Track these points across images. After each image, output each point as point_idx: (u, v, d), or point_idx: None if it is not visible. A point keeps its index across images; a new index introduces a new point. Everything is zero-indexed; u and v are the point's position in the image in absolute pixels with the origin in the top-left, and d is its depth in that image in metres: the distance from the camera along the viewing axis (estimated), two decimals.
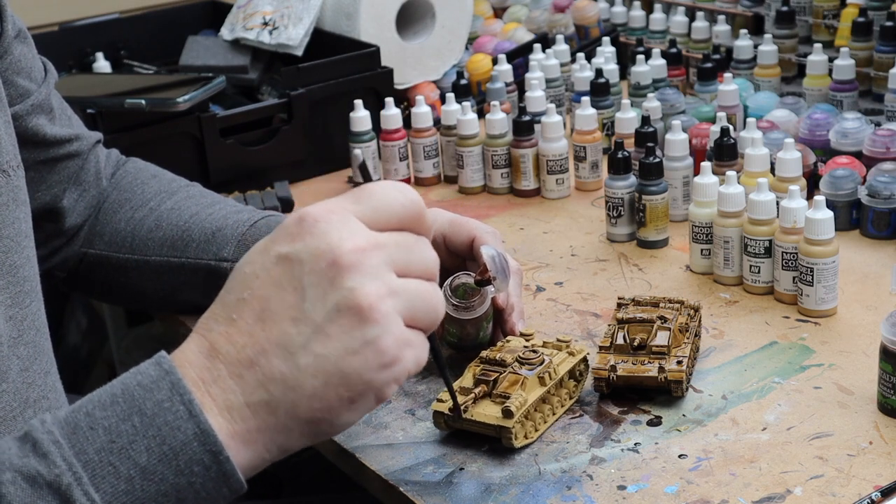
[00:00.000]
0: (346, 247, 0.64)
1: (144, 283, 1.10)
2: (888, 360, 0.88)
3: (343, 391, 0.64)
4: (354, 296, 0.63)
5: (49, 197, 1.05)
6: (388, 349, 0.64)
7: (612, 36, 1.71)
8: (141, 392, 0.64)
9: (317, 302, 0.64)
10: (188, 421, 0.63)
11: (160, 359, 0.65)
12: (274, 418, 0.65)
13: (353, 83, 1.50)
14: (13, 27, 0.96)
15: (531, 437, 0.89)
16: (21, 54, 0.98)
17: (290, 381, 0.64)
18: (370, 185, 0.68)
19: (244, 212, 1.10)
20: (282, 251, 0.65)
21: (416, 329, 0.67)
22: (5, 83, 0.94)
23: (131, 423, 0.63)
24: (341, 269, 0.64)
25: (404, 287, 0.66)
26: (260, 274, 0.66)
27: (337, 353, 0.64)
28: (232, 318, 0.66)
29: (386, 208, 0.67)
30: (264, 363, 0.64)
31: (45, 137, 1.02)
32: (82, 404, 0.65)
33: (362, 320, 0.64)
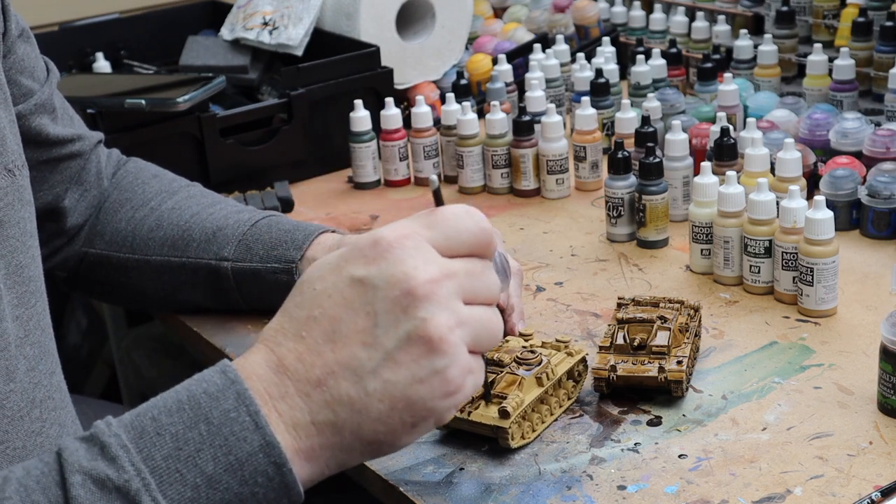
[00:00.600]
0: (421, 277, 0.65)
1: (145, 283, 1.10)
2: (888, 360, 0.88)
3: (407, 417, 0.66)
4: (426, 326, 0.65)
5: (51, 197, 1.05)
6: (453, 379, 0.66)
7: (612, 36, 1.71)
8: (207, 400, 0.65)
9: (389, 328, 0.65)
10: (254, 433, 0.64)
11: (225, 368, 0.66)
12: (338, 438, 0.66)
13: (353, 83, 1.50)
14: (16, 26, 0.96)
15: (528, 437, 0.89)
16: (24, 53, 0.98)
17: (357, 404, 0.66)
18: (444, 209, 0.69)
19: (245, 212, 1.10)
20: (356, 274, 0.66)
21: (478, 353, 0.69)
22: (9, 82, 0.94)
23: (198, 430, 0.64)
24: (415, 299, 0.65)
25: (470, 316, 0.67)
26: (332, 294, 0.66)
27: (405, 381, 0.65)
28: (301, 335, 0.66)
29: (457, 236, 0.68)
30: (332, 384, 0.66)
31: (47, 137, 1.02)
32: (147, 409, 0.66)
33: (431, 351, 0.65)
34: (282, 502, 0.66)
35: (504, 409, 0.86)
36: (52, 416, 0.85)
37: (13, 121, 0.87)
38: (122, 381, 1.90)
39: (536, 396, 0.89)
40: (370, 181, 1.46)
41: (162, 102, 1.34)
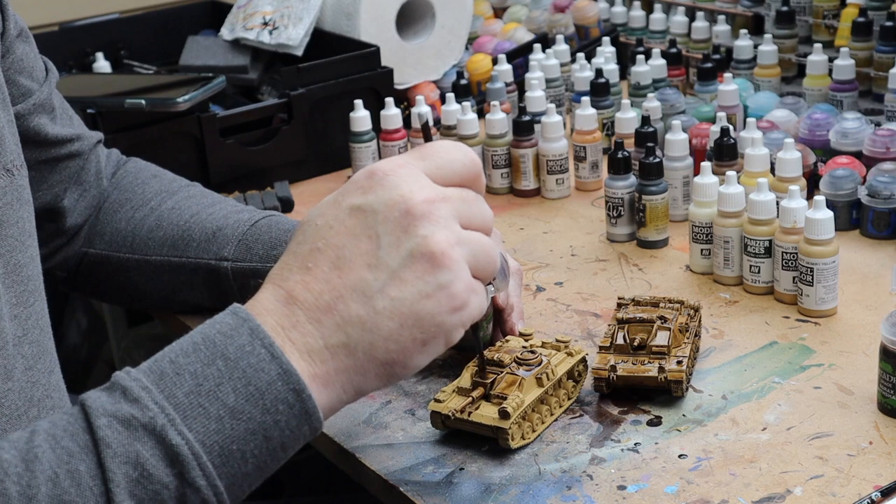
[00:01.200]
0: (418, 198, 0.68)
1: (145, 283, 1.10)
2: (888, 360, 0.88)
3: (417, 333, 0.68)
4: (427, 243, 0.67)
5: (50, 196, 1.05)
6: (459, 293, 0.68)
7: (612, 36, 1.71)
8: (222, 339, 0.67)
9: (391, 249, 0.67)
10: (271, 363, 0.66)
11: (236, 309, 0.68)
12: (352, 360, 0.68)
13: (353, 83, 1.50)
14: (15, 26, 0.96)
15: (528, 437, 0.89)
16: (23, 53, 0.98)
17: (368, 323, 0.67)
18: (434, 143, 0.72)
19: (245, 211, 1.10)
20: (355, 202, 0.69)
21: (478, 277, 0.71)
22: (7, 82, 0.94)
23: (216, 367, 0.66)
24: (414, 218, 0.67)
25: (469, 237, 0.70)
26: (333, 224, 0.69)
27: (412, 297, 0.67)
28: (307, 266, 0.68)
29: (449, 165, 0.71)
30: (342, 307, 0.67)
31: (46, 137, 1.02)
32: (164, 354, 0.68)
33: (435, 266, 0.67)
34: (302, 429, 0.67)
35: (504, 409, 0.86)
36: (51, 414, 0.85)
37: (12, 121, 0.87)
38: None
39: (536, 397, 0.89)
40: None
41: (162, 102, 1.34)
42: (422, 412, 0.94)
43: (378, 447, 0.90)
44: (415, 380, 0.99)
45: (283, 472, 1.54)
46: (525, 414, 0.88)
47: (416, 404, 0.96)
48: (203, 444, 0.65)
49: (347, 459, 0.91)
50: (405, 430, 0.92)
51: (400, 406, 0.96)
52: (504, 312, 0.99)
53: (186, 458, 0.64)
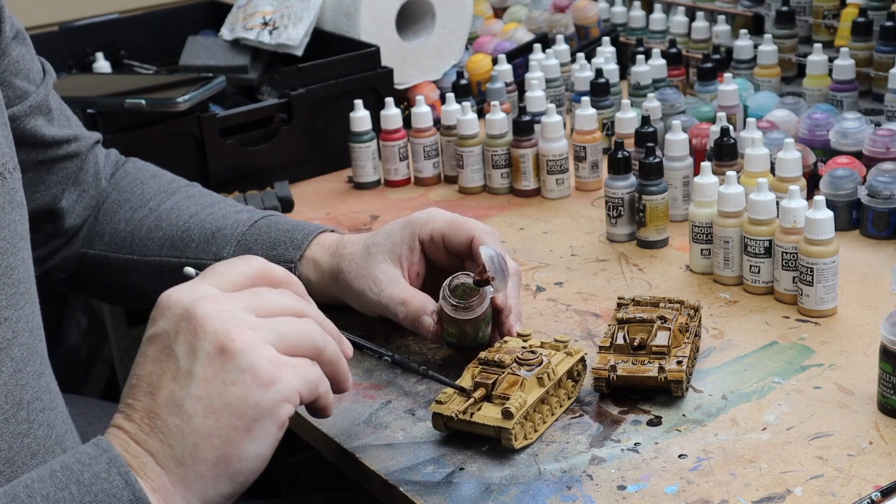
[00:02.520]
0: (200, 302, 0.70)
1: (144, 284, 1.10)
2: (888, 360, 0.88)
3: (235, 420, 0.69)
4: (217, 338, 0.69)
5: (48, 198, 1.05)
6: (263, 370, 0.69)
7: (612, 36, 1.71)
8: (79, 466, 0.68)
9: (188, 356, 0.69)
10: (124, 489, 0.67)
11: (98, 440, 0.70)
12: (183, 469, 0.69)
13: (353, 83, 1.50)
14: (11, 28, 0.96)
15: (531, 437, 0.89)
16: (19, 55, 0.98)
17: (186, 429, 0.69)
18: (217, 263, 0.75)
19: (244, 211, 1.10)
20: (149, 333, 0.72)
21: (297, 356, 0.72)
22: (3, 85, 0.95)
23: (68, 490, 0.67)
24: (200, 321, 0.69)
25: (266, 322, 0.71)
26: (139, 360, 0.72)
27: (217, 390, 0.69)
28: (128, 402, 0.71)
29: (231, 274, 0.74)
30: (160, 424, 0.69)
31: (43, 138, 1.02)
32: (22, 479, 0.68)
33: (230, 354, 0.69)
34: None
35: (507, 409, 0.86)
36: (41, 417, 0.85)
37: (5, 124, 0.87)
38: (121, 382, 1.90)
39: (538, 397, 0.89)
40: (370, 181, 1.46)
41: (162, 102, 1.34)
42: (422, 412, 0.94)
43: (378, 447, 0.90)
44: (415, 380, 0.99)
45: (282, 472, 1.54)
46: (527, 414, 0.88)
47: (416, 404, 0.96)
48: None
49: (347, 459, 0.91)
50: (405, 430, 0.92)
51: (400, 406, 0.96)
52: (502, 314, 0.99)
53: None
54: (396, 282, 0.99)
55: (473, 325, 0.96)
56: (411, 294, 0.98)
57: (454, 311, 0.94)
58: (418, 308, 0.97)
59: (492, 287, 0.94)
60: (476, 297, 0.94)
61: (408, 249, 1.01)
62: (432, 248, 1.02)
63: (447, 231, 1.01)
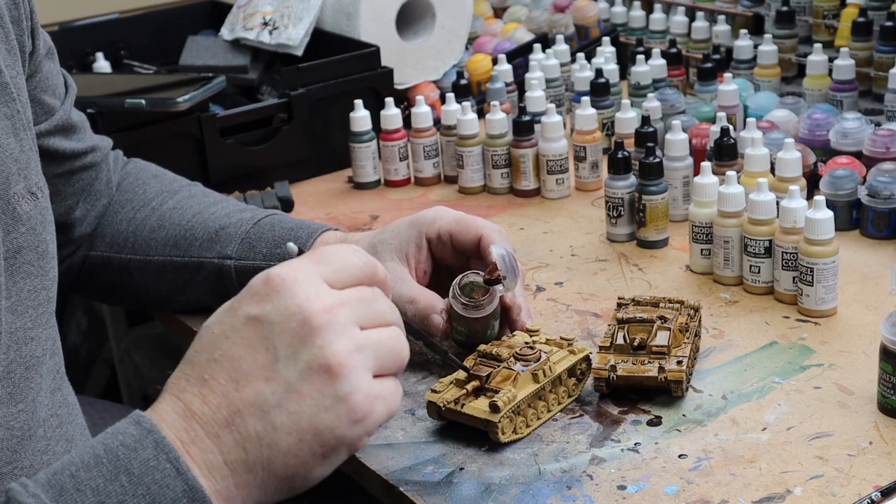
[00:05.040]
0: (315, 307, 0.66)
1: (147, 283, 1.10)
2: (888, 360, 0.88)
3: (317, 447, 0.67)
4: (325, 354, 0.66)
5: (62, 209, 1.05)
6: (359, 404, 0.67)
7: (612, 36, 1.71)
8: (125, 451, 0.64)
9: (289, 361, 0.66)
10: (176, 479, 0.64)
11: (139, 418, 0.66)
12: (252, 476, 0.66)
13: (353, 83, 1.50)
14: (44, 45, 0.96)
15: (521, 432, 0.89)
16: (49, 72, 0.98)
17: (266, 439, 0.66)
18: (327, 247, 0.72)
19: (247, 210, 1.10)
20: (251, 312, 0.67)
21: (388, 377, 0.70)
22: (32, 101, 0.93)
23: (119, 482, 0.63)
24: (312, 329, 0.66)
25: (369, 338, 0.69)
26: (230, 335, 0.67)
27: (310, 411, 0.66)
28: (204, 378, 0.67)
29: (345, 268, 0.70)
30: (240, 423, 0.66)
31: (64, 153, 1.02)
32: (64, 466, 0.64)
33: (333, 377, 0.66)
34: None
35: (495, 403, 0.86)
36: (58, 433, 0.85)
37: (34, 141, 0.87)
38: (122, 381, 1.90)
39: (532, 392, 0.89)
40: (370, 181, 1.46)
41: (162, 102, 1.34)
42: (422, 412, 0.94)
43: (378, 447, 0.90)
44: (415, 380, 0.99)
45: None
46: (518, 409, 0.88)
47: (416, 404, 0.96)
48: None
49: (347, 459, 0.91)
50: (405, 430, 0.92)
51: (400, 406, 0.96)
52: (512, 312, 0.99)
53: None
54: (404, 280, 0.99)
55: (483, 324, 0.96)
56: (419, 292, 0.98)
57: (464, 310, 0.95)
58: (427, 306, 0.97)
59: (502, 286, 0.94)
60: (486, 296, 0.95)
61: (415, 247, 1.01)
62: (439, 247, 1.02)
63: (455, 229, 1.00)
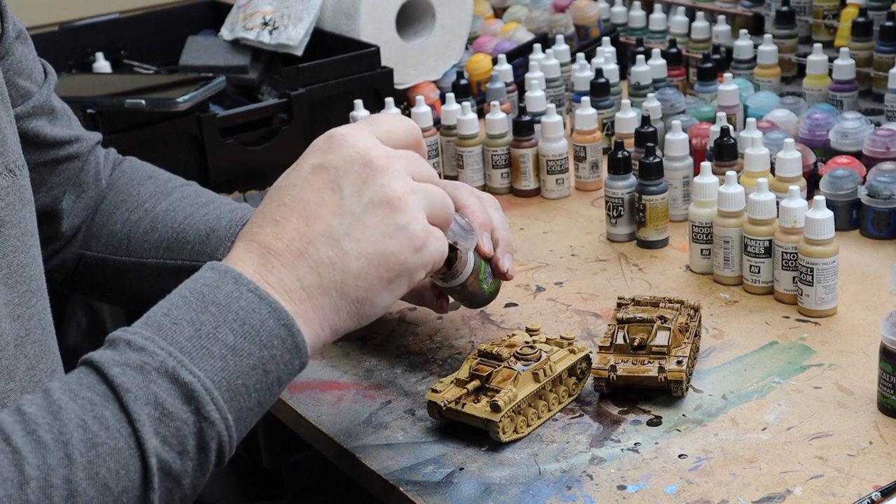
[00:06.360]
0: (374, 153, 0.76)
1: (142, 285, 1.10)
2: (888, 360, 0.88)
3: (383, 271, 0.75)
4: (385, 191, 0.75)
5: (49, 199, 1.05)
6: (417, 234, 0.76)
7: (612, 36, 1.71)
8: (209, 290, 0.72)
9: (353, 197, 0.75)
10: (259, 304, 0.71)
11: (213, 265, 0.74)
12: (326, 298, 0.74)
13: (353, 83, 1.50)
14: (13, 28, 0.96)
15: (522, 432, 0.89)
16: (22, 55, 0.98)
17: (338, 263, 0.74)
18: (379, 114, 0.82)
19: (238, 210, 1.09)
20: (316, 161, 0.76)
21: (436, 224, 0.78)
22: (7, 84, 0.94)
23: (209, 313, 0.71)
24: (373, 170, 0.75)
25: (422, 187, 0.78)
26: (297, 182, 0.76)
27: (375, 238, 0.75)
28: (276, 220, 0.75)
29: (395, 129, 0.80)
30: (313, 251, 0.74)
31: (45, 139, 1.02)
32: (155, 310, 0.72)
33: (394, 209, 0.75)
34: (294, 363, 0.73)
35: (495, 402, 0.86)
36: None
37: (12, 121, 0.87)
38: None
39: (532, 392, 0.89)
40: None
41: (162, 102, 1.34)
42: (422, 412, 0.94)
43: (378, 447, 0.90)
44: (415, 380, 0.99)
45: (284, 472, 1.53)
46: (519, 408, 0.88)
47: (416, 404, 0.96)
48: (213, 381, 0.69)
49: (347, 459, 0.91)
50: (405, 430, 0.92)
51: (400, 406, 0.96)
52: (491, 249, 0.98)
53: (200, 394, 0.68)
54: None
55: (473, 284, 0.96)
56: None
57: (443, 282, 0.95)
58: (418, 287, 1.00)
59: (460, 249, 0.92)
60: (457, 263, 0.93)
61: None
62: None
63: None
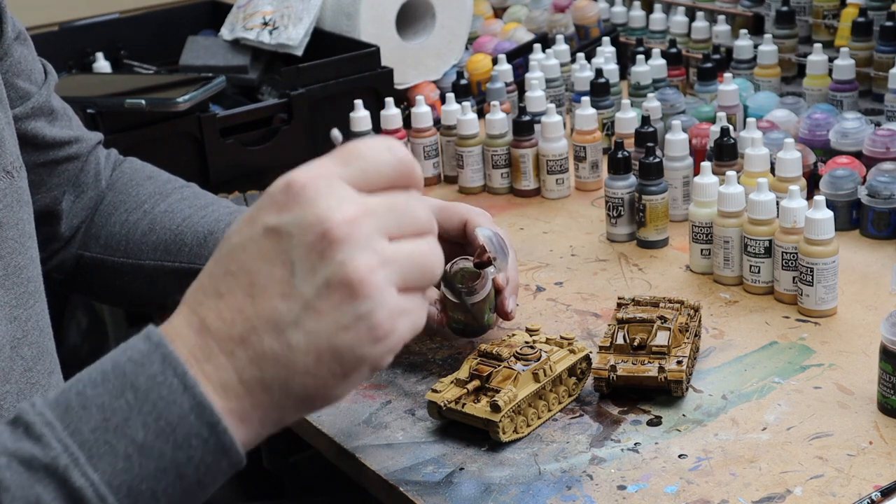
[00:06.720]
0: (336, 218, 0.61)
1: (140, 287, 1.10)
2: (888, 360, 0.88)
3: (336, 367, 0.63)
4: (344, 270, 0.61)
5: (48, 200, 1.05)
6: (381, 323, 0.62)
7: (612, 36, 1.71)
8: (132, 367, 0.62)
9: (306, 276, 0.62)
10: (183, 394, 0.61)
11: (149, 332, 0.63)
12: (268, 396, 0.63)
13: (353, 83, 1.50)
14: (13, 29, 0.96)
15: (522, 432, 0.89)
16: (21, 56, 0.98)
17: (282, 358, 0.62)
18: (357, 143, 0.65)
19: (236, 213, 1.09)
20: (269, 223, 0.63)
21: (414, 292, 0.65)
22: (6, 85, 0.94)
23: (125, 399, 0.61)
24: (331, 242, 0.61)
25: (396, 253, 0.63)
26: (248, 246, 0.63)
27: (328, 330, 0.62)
28: (220, 292, 0.64)
29: (375, 168, 0.65)
30: (255, 340, 0.62)
31: (44, 140, 1.02)
32: (72, 384, 0.63)
33: (353, 295, 0.61)
34: (221, 465, 0.63)
35: (496, 402, 0.86)
36: None
37: (10, 122, 0.87)
38: None
39: (532, 392, 0.89)
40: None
41: (162, 102, 1.34)
42: (422, 412, 0.94)
43: (378, 447, 0.90)
44: (415, 380, 0.99)
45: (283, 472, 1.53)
46: (519, 408, 0.88)
47: (416, 404, 0.96)
48: (110, 486, 0.60)
49: (347, 459, 0.91)
50: (405, 430, 0.92)
51: (400, 406, 0.96)
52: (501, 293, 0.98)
53: (90, 500, 0.60)
54: None
55: (479, 309, 0.96)
56: None
57: (458, 297, 0.94)
58: None
59: (493, 268, 0.93)
60: (478, 281, 0.94)
61: None
62: None
63: (439, 217, 1.00)
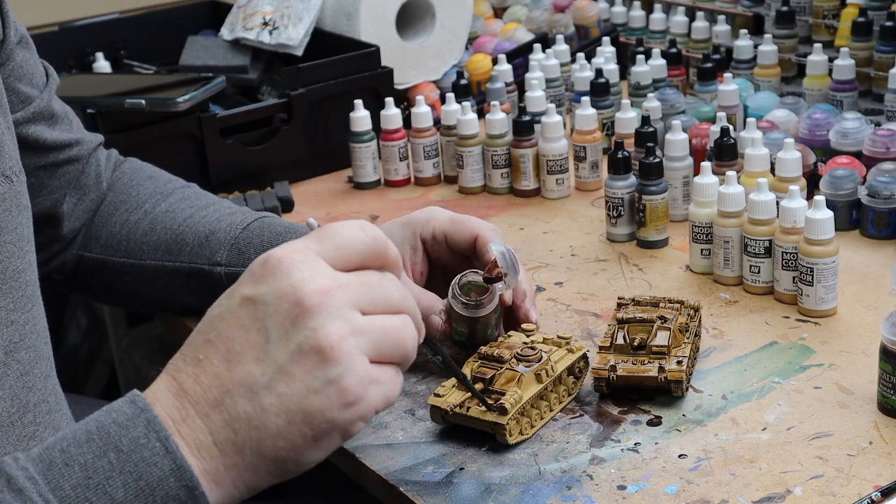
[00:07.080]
0: (309, 287, 0.65)
1: (140, 287, 1.10)
2: (888, 360, 0.88)
3: (307, 430, 0.66)
4: (316, 336, 0.65)
5: (49, 202, 1.05)
6: (350, 388, 0.66)
7: (612, 36, 1.71)
8: (117, 429, 0.65)
9: (280, 342, 0.65)
10: (164, 457, 0.64)
11: (134, 397, 0.66)
12: (240, 457, 0.66)
13: (353, 83, 1.50)
14: (15, 33, 0.96)
15: (527, 433, 0.89)
16: (23, 60, 0.98)
17: (255, 420, 0.65)
18: (332, 224, 0.69)
19: (238, 213, 1.09)
20: (246, 293, 0.67)
21: (388, 364, 0.68)
22: (7, 90, 0.94)
23: (107, 459, 0.64)
24: (304, 310, 0.65)
25: (368, 325, 0.67)
26: (226, 316, 0.67)
27: (300, 393, 0.65)
28: (199, 358, 0.67)
29: (349, 246, 0.68)
30: (230, 403, 0.66)
31: (45, 143, 1.01)
32: (56, 441, 0.65)
33: (324, 360, 0.65)
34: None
35: (502, 405, 0.86)
36: (47, 419, 0.84)
37: (10, 127, 0.87)
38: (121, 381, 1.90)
39: (535, 393, 0.89)
40: (370, 181, 1.46)
41: (162, 102, 1.34)
42: (422, 412, 0.94)
43: (378, 447, 0.90)
44: (415, 380, 0.99)
45: None
46: (523, 410, 0.88)
47: (416, 404, 0.96)
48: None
49: (347, 459, 0.91)
50: (405, 430, 0.92)
51: (400, 406, 0.96)
52: (517, 299, 0.99)
53: None
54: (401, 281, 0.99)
55: (484, 323, 0.96)
56: (418, 293, 0.98)
57: (465, 310, 0.94)
58: (426, 307, 0.97)
59: (503, 283, 0.94)
60: (486, 295, 0.94)
61: (410, 249, 1.01)
62: (435, 247, 1.02)
63: (450, 230, 1.00)
